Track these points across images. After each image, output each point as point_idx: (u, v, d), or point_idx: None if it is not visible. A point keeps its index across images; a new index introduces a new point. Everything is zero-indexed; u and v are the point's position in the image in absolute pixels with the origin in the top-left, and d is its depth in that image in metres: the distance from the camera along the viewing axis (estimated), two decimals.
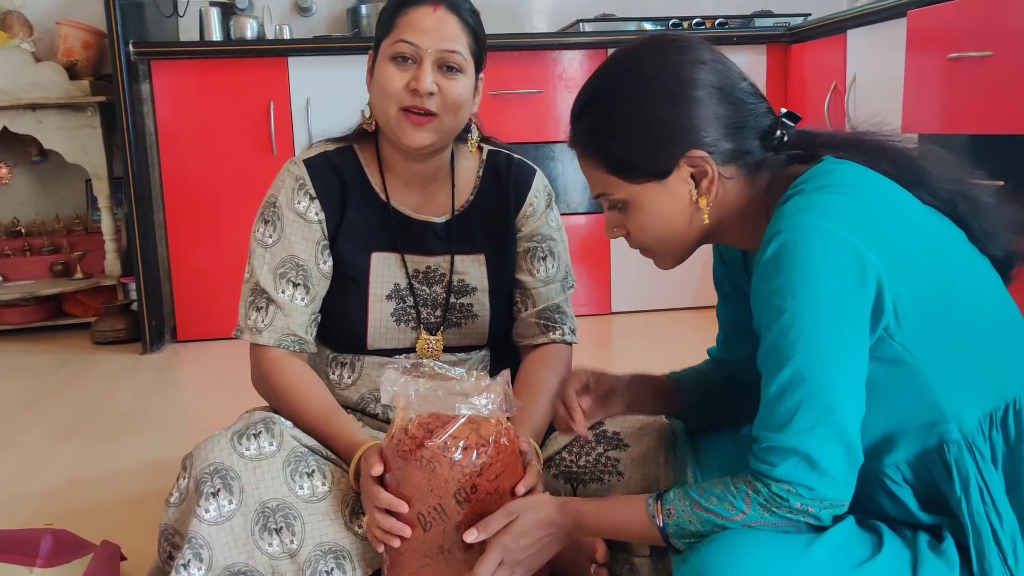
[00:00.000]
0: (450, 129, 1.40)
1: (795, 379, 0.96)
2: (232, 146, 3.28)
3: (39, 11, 3.61)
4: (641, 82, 1.06)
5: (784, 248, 0.96)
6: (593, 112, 1.10)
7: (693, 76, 1.05)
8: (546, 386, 1.44)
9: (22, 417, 2.56)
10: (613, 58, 1.11)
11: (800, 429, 0.96)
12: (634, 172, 1.07)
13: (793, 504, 0.97)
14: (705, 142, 1.05)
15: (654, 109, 1.05)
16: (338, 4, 3.82)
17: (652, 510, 1.05)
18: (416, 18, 1.36)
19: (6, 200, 3.75)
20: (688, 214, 1.09)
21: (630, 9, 3.84)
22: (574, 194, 3.50)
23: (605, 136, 1.08)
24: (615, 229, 1.15)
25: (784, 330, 0.96)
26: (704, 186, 1.06)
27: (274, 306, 1.40)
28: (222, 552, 1.23)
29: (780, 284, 0.96)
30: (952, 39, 2.56)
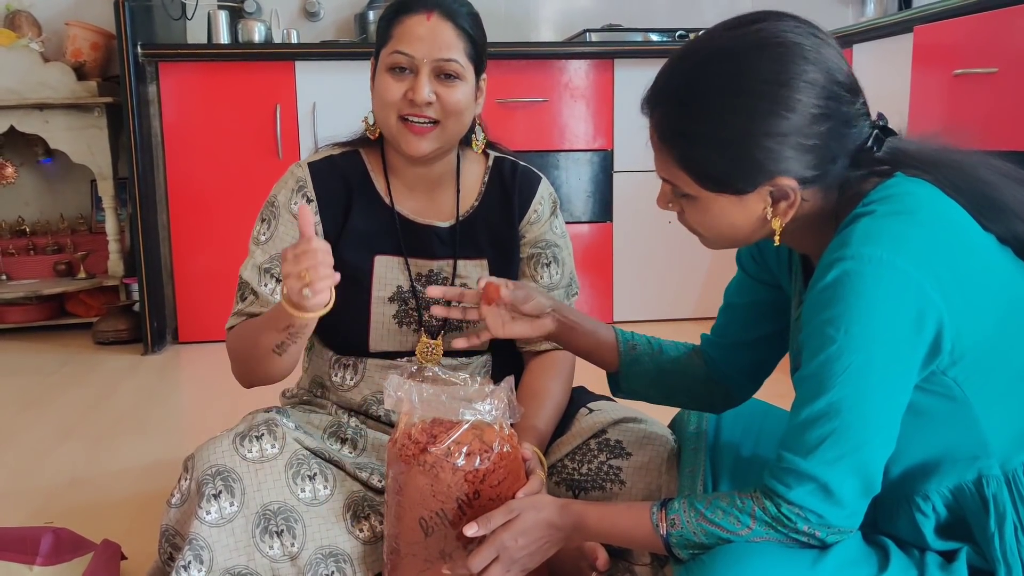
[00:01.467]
0: (453, 135, 1.41)
1: (831, 410, 0.94)
2: (238, 149, 3.29)
3: (48, 11, 3.63)
4: (741, 93, 0.96)
5: (847, 276, 0.92)
6: (683, 110, 0.99)
7: (796, 96, 0.95)
8: (550, 394, 1.45)
9: (23, 416, 2.56)
10: (707, 55, 0.99)
11: (825, 460, 0.95)
12: (712, 183, 1.00)
13: (800, 527, 0.97)
14: (795, 170, 0.97)
15: (749, 128, 0.96)
16: (346, 9, 3.83)
17: (656, 518, 1.05)
18: (410, 27, 1.35)
19: (11, 199, 3.76)
20: (758, 226, 1.03)
21: (636, 20, 3.85)
22: (577, 203, 3.50)
23: (691, 140, 0.99)
24: (670, 205, 1.08)
25: (830, 360, 0.94)
26: (782, 208, 1.00)
27: (252, 296, 1.42)
28: (223, 554, 1.23)
29: (836, 314, 0.93)
30: (958, 55, 2.57)
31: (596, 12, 3.92)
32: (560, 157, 3.47)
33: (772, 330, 1.27)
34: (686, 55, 1.01)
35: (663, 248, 3.57)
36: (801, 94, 0.95)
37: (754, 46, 0.97)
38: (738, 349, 1.30)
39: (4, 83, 3.27)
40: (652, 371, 1.33)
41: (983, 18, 2.48)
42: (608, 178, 3.51)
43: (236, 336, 1.41)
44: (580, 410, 1.47)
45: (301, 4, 3.81)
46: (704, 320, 3.58)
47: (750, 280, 1.28)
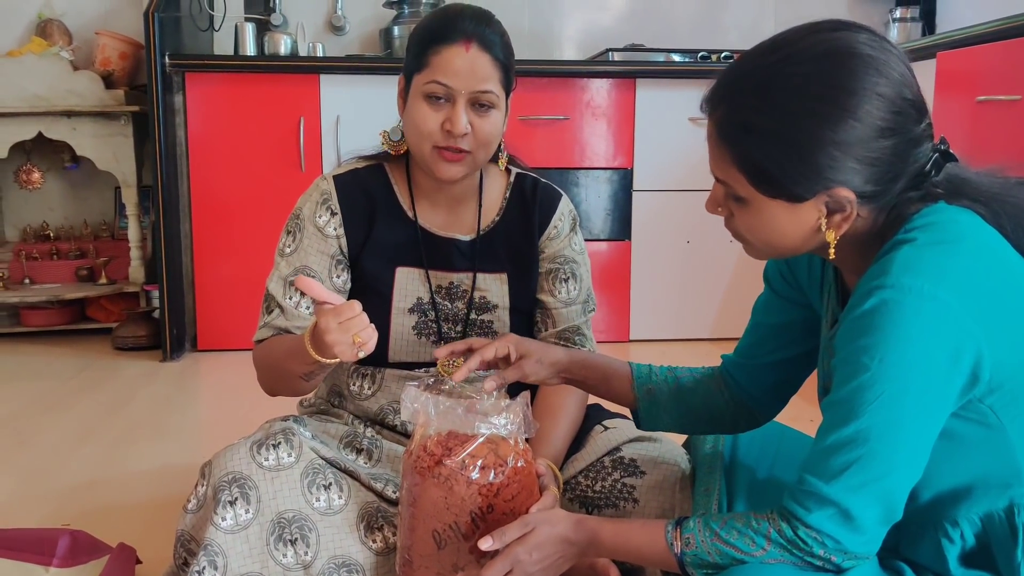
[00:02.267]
0: (481, 161, 1.42)
1: (859, 437, 0.93)
2: (261, 160, 3.32)
3: (79, 21, 3.69)
4: (812, 97, 0.94)
5: (885, 306, 0.91)
6: (750, 105, 0.97)
7: (866, 106, 0.93)
8: (565, 411, 1.45)
9: (43, 419, 2.59)
10: (787, 54, 0.97)
11: (848, 486, 0.94)
12: (769, 187, 0.98)
13: (816, 551, 0.96)
14: (854, 183, 0.96)
15: (816, 132, 0.94)
16: (371, 24, 3.87)
17: (670, 537, 1.04)
18: (449, 58, 1.35)
19: (37, 204, 3.81)
20: (808, 237, 1.01)
21: (659, 40, 3.87)
22: (596, 220, 3.51)
23: (755, 141, 0.97)
24: (719, 209, 1.07)
25: (862, 388, 0.93)
26: (836, 221, 0.98)
27: (278, 309, 1.44)
28: (237, 560, 1.24)
29: (871, 343, 0.92)
30: (981, 82, 2.56)
31: (619, 32, 3.95)
32: (580, 175, 3.49)
33: (801, 350, 1.26)
34: (758, 55, 1.00)
35: (681, 268, 3.57)
36: (871, 105, 0.94)
37: (829, 53, 0.95)
38: (764, 370, 1.28)
39: (34, 90, 3.32)
40: (672, 407, 1.32)
41: (1006, 46, 2.48)
42: (628, 196, 3.52)
43: (264, 353, 1.43)
44: (595, 427, 1.48)
45: (327, 18, 3.86)
46: (721, 341, 3.57)
47: (778, 299, 1.27)
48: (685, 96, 3.46)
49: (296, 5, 3.80)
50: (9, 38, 3.67)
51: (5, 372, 3.17)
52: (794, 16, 4.14)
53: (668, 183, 3.53)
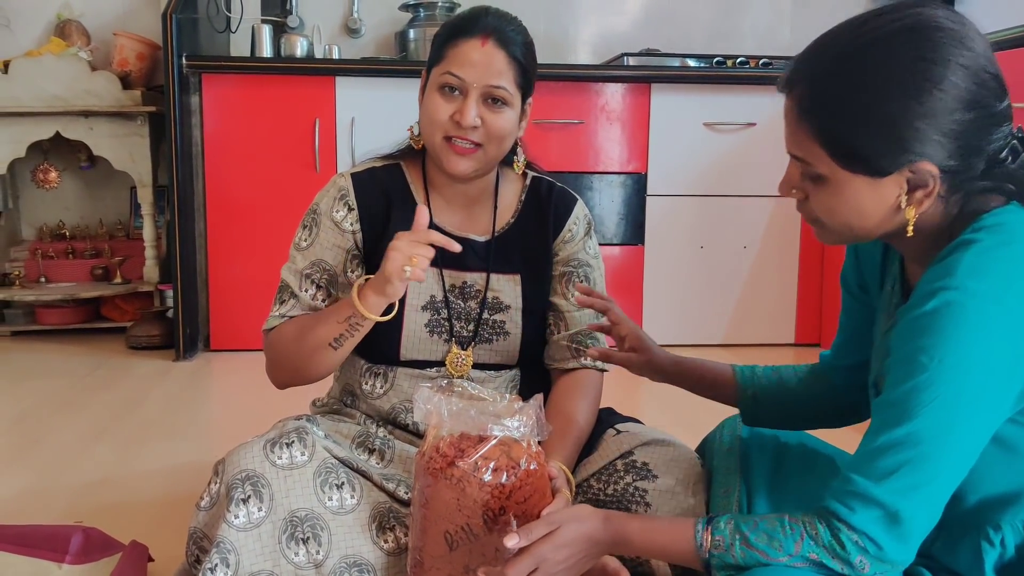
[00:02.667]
0: (493, 158, 1.44)
1: (911, 439, 0.92)
2: (276, 161, 3.33)
3: (97, 21, 3.71)
4: (896, 67, 0.94)
5: (948, 308, 0.91)
6: (834, 80, 0.97)
7: (951, 79, 0.93)
8: (577, 415, 1.45)
9: (57, 416, 2.60)
10: (869, 29, 0.97)
11: (897, 488, 0.93)
12: (852, 161, 0.97)
13: (853, 558, 0.95)
14: (938, 156, 0.95)
15: (902, 104, 0.93)
16: (387, 27, 3.88)
17: (700, 537, 1.03)
18: (465, 51, 1.38)
19: (53, 203, 3.83)
20: (887, 216, 1.00)
21: (674, 45, 3.87)
22: (609, 224, 3.51)
23: (839, 113, 0.97)
24: (794, 191, 1.06)
25: (918, 389, 0.92)
26: (918, 197, 0.97)
27: (293, 299, 1.46)
28: (248, 558, 1.25)
29: (931, 344, 0.91)
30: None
31: (634, 36, 3.95)
32: (594, 179, 3.49)
33: None
34: (839, 34, 1.00)
35: (694, 273, 3.56)
36: (955, 77, 0.93)
37: (911, 27, 0.95)
38: (855, 370, 1.27)
39: (52, 90, 3.35)
40: (776, 407, 1.33)
41: None
42: (641, 201, 3.52)
43: (282, 333, 1.44)
44: (607, 431, 1.47)
45: (343, 21, 3.87)
46: (734, 347, 3.56)
47: (855, 303, 1.26)
48: (700, 101, 3.46)
49: (312, 7, 3.81)
50: (28, 38, 3.70)
51: (20, 370, 3.19)
52: (810, 22, 4.15)
53: (682, 188, 3.52)
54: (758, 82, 3.46)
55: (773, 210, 3.53)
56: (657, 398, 2.94)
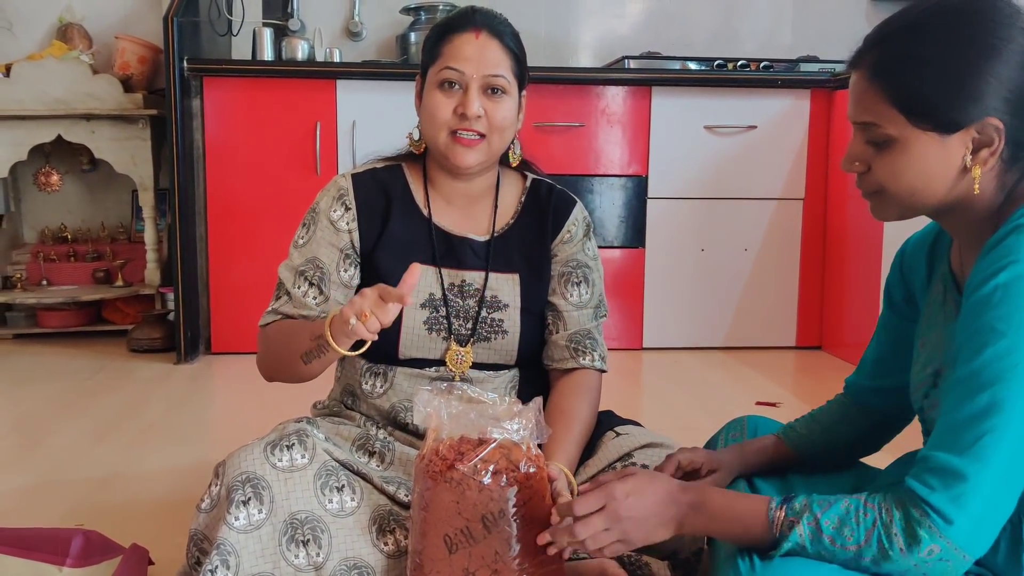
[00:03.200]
0: (497, 149, 1.47)
1: (994, 406, 0.92)
2: (277, 164, 3.34)
3: (99, 25, 3.72)
4: (965, 26, 1.00)
5: (1018, 280, 0.93)
6: (906, 40, 1.02)
7: (1017, 42, 0.99)
8: (578, 416, 1.46)
9: (58, 419, 2.61)
10: (936, 2, 1.03)
11: (980, 456, 0.92)
12: (923, 115, 1.00)
13: (923, 547, 0.93)
14: (1004, 115, 0.99)
15: (973, 58, 0.98)
16: (388, 30, 3.89)
17: (773, 515, 1.01)
18: (460, 45, 1.42)
19: (55, 206, 3.84)
20: (952, 177, 1.02)
21: (675, 48, 3.87)
22: (610, 227, 3.51)
23: (912, 67, 1.01)
24: (856, 163, 1.08)
25: (998, 357, 0.93)
26: (983, 155, 1.00)
27: (286, 296, 1.48)
28: (249, 560, 1.25)
29: (1006, 312, 0.93)
30: None
31: (635, 39, 3.95)
32: (595, 182, 3.49)
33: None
34: (907, 9, 1.05)
35: (695, 276, 3.56)
36: (1018, 42, 0.99)
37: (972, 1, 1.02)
38: (891, 391, 1.28)
39: (54, 93, 3.36)
40: (824, 451, 1.33)
41: None
42: (642, 204, 3.52)
43: (272, 332, 1.46)
44: (607, 433, 1.48)
45: (344, 24, 3.88)
46: (735, 350, 3.56)
47: (896, 318, 1.27)
48: (701, 104, 3.46)
49: (314, 11, 3.82)
50: (30, 42, 3.71)
51: (22, 372, 3.20)
52: (811, 25, 4.15)
53: (683, 191, 3.52)
54: (759, 85, 3.46)
55: (774, 213, 3.53)
56: (657, 401, 2.95)
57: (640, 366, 3.40)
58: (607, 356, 1.56)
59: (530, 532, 1.19)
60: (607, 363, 1.55)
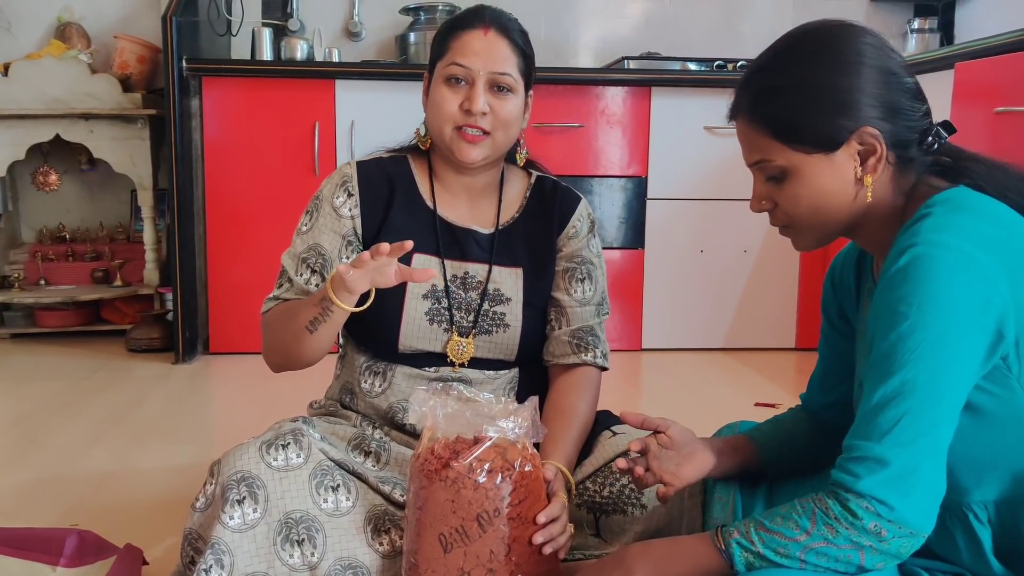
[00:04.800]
0: (502, 145, 1.47)
1: (905, 389, 0.94)
2: (276, 164, 3.33)
3: (98, 25, 3.72)
4: (818, 50, 1.07)
5: (918, 260, 0.95)
6: (765, 76, 1.10)
7: (870, 53, 1.05)
8: (577, 414, 1.45)
9: (56, 419, 2.60)
10: (787, 34, 1.12)
11: (899, 441, 0.94)
12: (802, 138, 1.05)
13: (867, 523, 0.95)
14: (877, 121, 1.04)
15: (830, 77, 1.05)
16: (388, 31, 3.88)
17: (713, 536, 1.05)
18: (468, 41, 1.42)
19: (53, 206, 3.83)
20: (850, 192, 1.07)
21: (675, 49, 3.86)
22: (610, 228, 3.50)
23: (775, 97, 1.07)
24: (763, 202, 1.13)
25: (903, 337, 0.95)
26: (871, 164, 1.05)
27: (288, 284, 1.48)
28: (243, 560, 1.24)
29: (908, 292, 0.95)
30: (999, 93, 2.55)
31: (635, 40, 3.94)
32: (594, 182, 3.48)
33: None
34: (769, 48, 1.13)
35: (695, 277, 3.56)
36: (868, 50, 1.05)
37: (827, 26, 1.09)
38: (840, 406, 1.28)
39: (52, 92, 3.35)
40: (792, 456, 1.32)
41: None
42: (641, 205, 3.51)
43: (274, 314, 1.46)
44: (603, 432, 1.47)
45: (344, 24, 3.87)
46: (734, 351, 3.55)
47: (835, 333, 1.28)
48: (701, 105, 3.45)
49: (313, 11, 3.82)
50: (29, 41, 3.70)
51: (19, 372, 3.19)
52: None
53: (682, 192, 3.51)
54: None
55: None
56: (657, 402, 2.94)
57: (639, 367, 3.39)
58: (609, 354, 1.55)
59: (526, 531, 1.18)
60: (609, 360, 1.54)
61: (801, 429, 1.33)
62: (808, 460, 1.31)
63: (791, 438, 1.32)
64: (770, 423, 1.36)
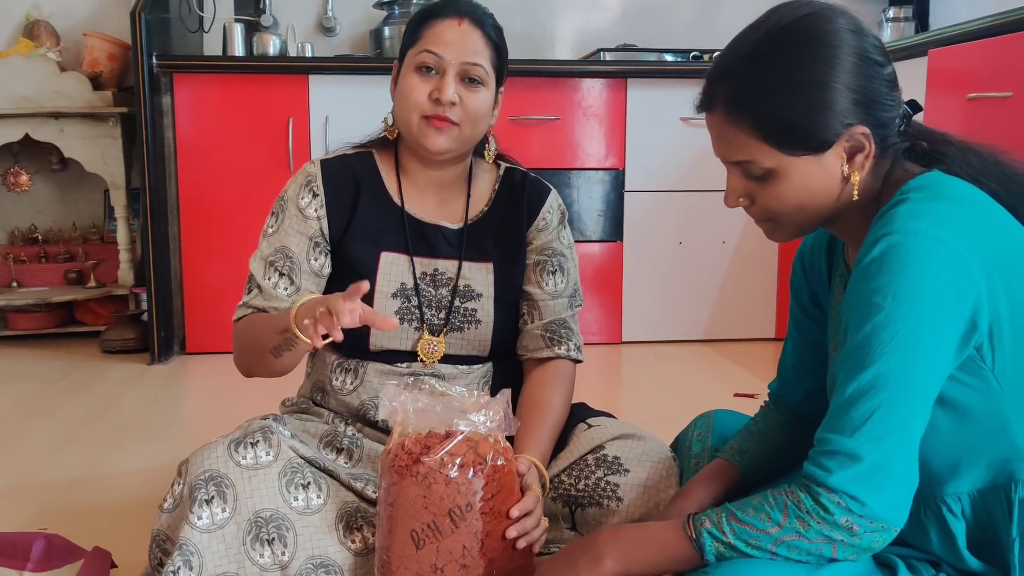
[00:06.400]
0: (468, 138, 1.44)
1: (879, 382, 0.93)
2: (250, 161, 3.30)
3: (67, 22, 3.66)
4: (800, 44, 1.00)
5: (893, 249, 0.93)
6: (752, 72, 1.02)
7: (851, 42, 1.01)
8: (551, 407, 1.44)
9: (27, 421, 2.56)
10: (772, 19, 1.04)
11: (872, 436, 0.93)
12: (793, 141, 1.01)
13: (839, 519, 0.93)
14: (864, 117, 1.00)
15: (823, 75, 0.99)
16: (362, 25, 3.85)
17: (685, 525, 1.03)
18: (441, 30, 1.40)
19: (25, 207, 3.78)
20: (836, 188, 1.04)
21: (651, 40, 3.85)
22: (588, 221, 3.49)
23: (768, 98, 1.01)
24: (740, 199, 1.09)
25: (877, 329, 0.93)
26: (859, 161, 1.02)
27: (257, 289, 1.45)
28: (212, 560, 1.22)
29: (883, 283, 0.93)
30: (972, 79, 2.55)
31: (611, 32, 3.93)
32: (572, 175, 3.47)
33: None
34: (740, 37, 1.06)
35: (674, 268, 3.55)
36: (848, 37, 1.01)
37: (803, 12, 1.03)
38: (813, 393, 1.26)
39: (21, 91, 3.30)
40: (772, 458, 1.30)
41: (998, 42, 2.47)
42: (619, 197, 3.50)
43: (243, 327, 1.43)
44: (579, 425, 1.46)
45: (317, 19, 3.84)
46: (714, 342, 3.55)
47: (806, 318, 1.26)
48: (677, 96, 3.44)
49: (286, 6, 3.78)
50: None
51: None
52: None
53: (660, 184, 3.51)
54: None
55: None
56: (637, 395, 2.93)
57: (620, 360, 3.38)
58: (582, 346, 1.54)
59: (499, 526, 1.17)
60: (583, 353, 1.53)
61: (783, 439, 1.29)
62: (780, 459, 1.30)
63: (776, 452, 1.29)
64: (750, 440, 1.30)
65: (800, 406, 1.29)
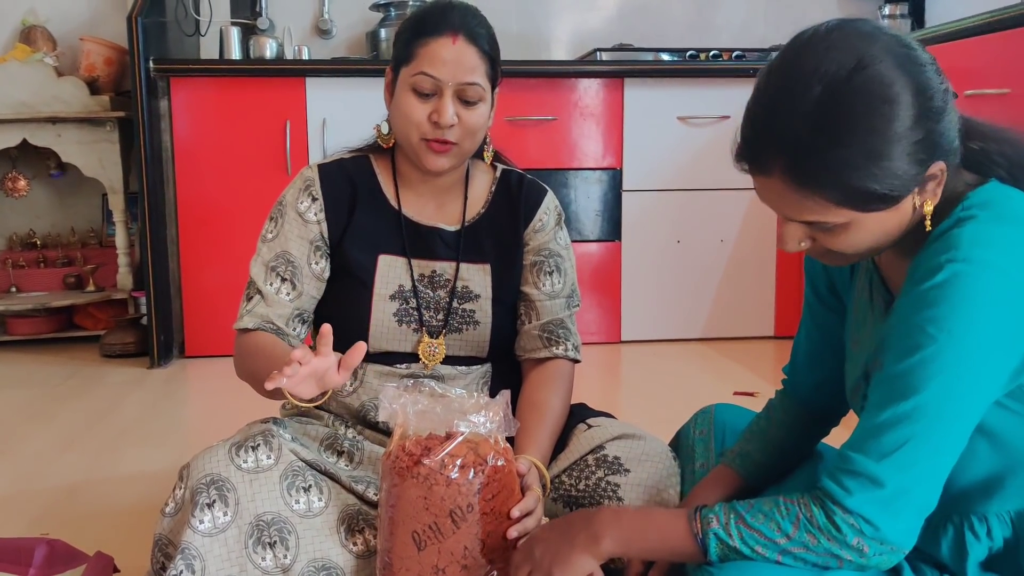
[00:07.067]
0: (468, 152, 1.45)
1: (917, 413, 0.91)
2: (247, 164, 3.30)
3: (64, 27, 3.66)
4: (876, 102, 0.90)
5: (957, 279, 0.90)
6: (817, 138, 0.91)
7: (917, 81, 0.92)
8: (550, 407, 1.44)
9: (27, 426, 2.56)
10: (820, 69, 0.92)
11: (899, 464, 0.91)
12: (872, 205, 0.94)
13: (850, 540, 0.93)
14: (939, 152, 0.94)
15: (896, 132, 0.90)
16: (358, 27, 3.85)
17: (691, 519, 1.02)
18: (435, 50, 1.38)
19: (23, 212, 3.78)
20: (907, 221, 0.98)
21: (648, 40, 3.86)
22: (586, 221, 3.49)
23: (839, 170, 0.92)
24: (802, 243, 1.01)
25: (925, 362, 0.91)
26: (930, 190, 0.96)
27: (259, 296, 1.44)
28: (215, 564, 1.22)
29: (941, 315, 0.90)
30: (969, 76, 2.55)
31: (607, 32, 3.93)
32: (569, 175, 3.47)
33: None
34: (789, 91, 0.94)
35: (672, 268, 3.55)
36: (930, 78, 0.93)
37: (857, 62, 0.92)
38: (825, 383, 1.25)
39: (18, 96, 3.30)
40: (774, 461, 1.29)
41: (994, 39, 2.48)
42: (617, 197, 3.50)
43: (244, 351, 1.42)
44: (578, 425, 1.46)
45: (314, 22, 3.84)
46: (713, 340, 3.56)
47: (823, 307, 1.24)
48: (673, 95, 3.45)
49: (283, 9, 3.78)
50: None
51: None
52: (785, 16, 4.14)
53: (657, 183, 3.51)
54: (731, 75, 3.45)
55: (749, 204, 3.52)
56: (636, 394, 2.93)
57: (619, 360, 3.38)
58: (580, 346, 1.54)
59: (500, 526, 1.17)
60: (581, 353, 1.53)
61: (785, 438, 1.28)
62: (788, 456, 1.29)
63: (778, 453, 1.28)
64: (752, 443, 1.29)
65: (810, 396, 1.27)
